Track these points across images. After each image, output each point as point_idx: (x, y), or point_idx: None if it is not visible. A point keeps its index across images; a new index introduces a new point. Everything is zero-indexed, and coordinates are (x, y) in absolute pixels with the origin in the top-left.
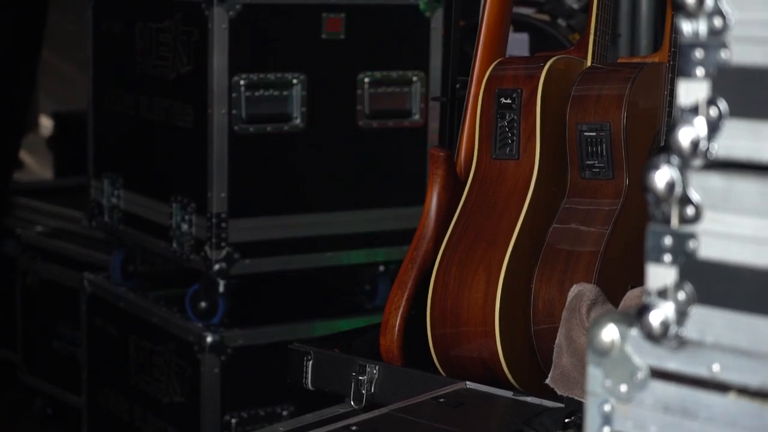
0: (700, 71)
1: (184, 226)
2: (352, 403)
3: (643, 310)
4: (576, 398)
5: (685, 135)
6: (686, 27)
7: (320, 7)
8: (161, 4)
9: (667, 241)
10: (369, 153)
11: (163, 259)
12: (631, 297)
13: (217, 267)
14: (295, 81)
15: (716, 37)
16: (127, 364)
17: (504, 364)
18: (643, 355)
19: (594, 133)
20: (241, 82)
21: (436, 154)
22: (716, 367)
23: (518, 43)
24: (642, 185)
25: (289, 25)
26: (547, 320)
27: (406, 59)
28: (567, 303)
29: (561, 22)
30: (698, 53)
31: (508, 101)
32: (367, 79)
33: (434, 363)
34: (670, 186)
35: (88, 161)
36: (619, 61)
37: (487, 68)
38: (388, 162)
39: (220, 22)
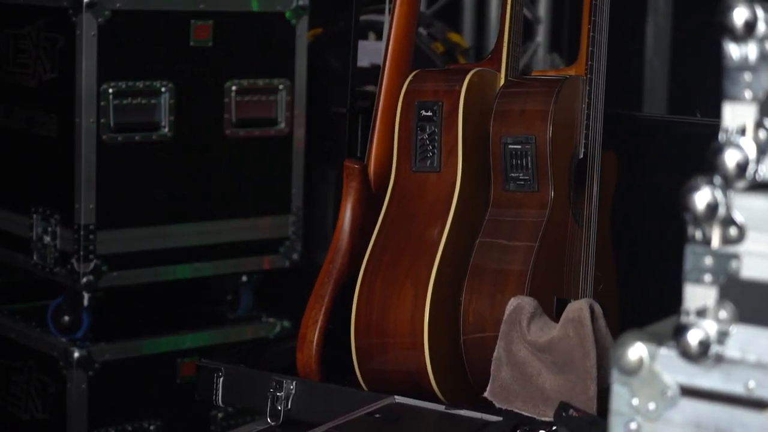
0: (748, 94)
1: (47, 239)
2: (268, 419)
3: (681, 329)
4: (516, 411)
5: (731, 157)
6: (734, 51)
7: (189, 14)
8: (19, 10)
9: (708, 261)
10: (236, 162)
11: (11, 272)
12: (573, 309)
13: (84, 280)
14: (163, 89)
15: (767, 61)
16: None
17: (431, 376)
18: (673, 373)
19: (519, 146)
20: (110, 90)
21: (350, 166)
22: (752, 384)
23: (378, 52)
24: (681, 205)
25: (158, 32)
26: (477, 331)
27: (272, 67)
28: (505, 316)
29: (422, 30)
30: (747, 76)
31: (429, 113)
32: (234, 87)
33: (355, 376)
34: (712, 207)
35: None
36: (533, 74)
37: (397, 80)
38: (255, 171)
39: (89, 28)
